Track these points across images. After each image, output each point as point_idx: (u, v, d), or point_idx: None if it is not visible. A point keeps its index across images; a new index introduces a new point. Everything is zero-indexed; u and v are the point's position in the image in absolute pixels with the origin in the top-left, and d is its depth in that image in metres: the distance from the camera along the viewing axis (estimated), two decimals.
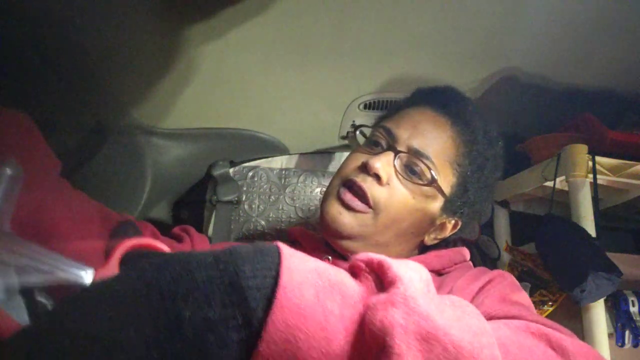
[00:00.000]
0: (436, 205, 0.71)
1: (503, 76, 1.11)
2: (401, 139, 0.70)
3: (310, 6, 0.82)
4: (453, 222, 0.75)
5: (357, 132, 0.77)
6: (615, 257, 1.05)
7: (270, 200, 1.34)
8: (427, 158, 0.68)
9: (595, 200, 1.11)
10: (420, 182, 0.68)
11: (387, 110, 0.82)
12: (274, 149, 1.34)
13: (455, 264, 0.72)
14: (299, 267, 0.31)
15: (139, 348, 0.26)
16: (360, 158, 0.70)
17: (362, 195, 0.67)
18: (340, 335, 0.29)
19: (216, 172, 1.32)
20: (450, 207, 0.72)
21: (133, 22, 0.81)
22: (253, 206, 1.33)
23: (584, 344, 0.44)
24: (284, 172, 1.37)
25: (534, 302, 1.19)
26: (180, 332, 0.27)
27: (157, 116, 1.12)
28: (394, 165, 0.68)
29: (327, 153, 1.43)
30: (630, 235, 1.55)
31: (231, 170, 1.35)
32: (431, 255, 0.72)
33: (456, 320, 0.32)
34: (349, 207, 0.67)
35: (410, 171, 0.69)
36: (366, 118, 1.18)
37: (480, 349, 0.31)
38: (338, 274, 0.32)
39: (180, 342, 0.27)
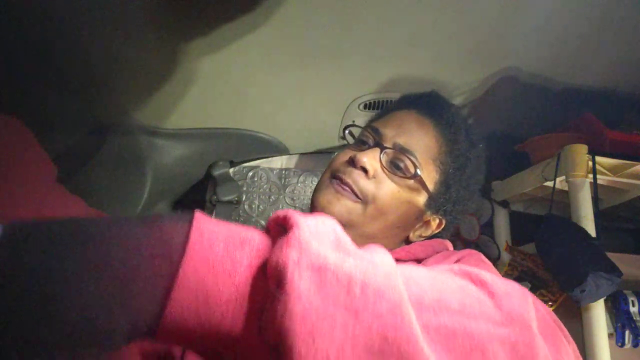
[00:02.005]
0: (421, 200, 0.74)
1: (503, 76, 1.11)
2: (387, 137, 0.74)
3: (310, 7, 0.82)
4: (437, 220, 0.77)
5: (347, 132, 0.81)
6: (615, 257, 1.05)
7: (270, 200, 1.34)
8: (412, 154, 0.72)
9: (595, 200, 1.11)
10: (405, 175, 0.72)
11: (377, 113, 0.86)
12: (274, 149, 1.34)
13: (437, 252, 0.73)
14: (209, 227, 0.35)
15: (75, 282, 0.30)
16: (348, 154, 0.74)
17: (350, 187, 0.71)
18: (247, 281, 0.33)
19: (216, 172, 1.32)
20: (434, 203, 0.75)
21: (135, 26, 0.81)
22: (253, 206, 1.33)
23: (506, 280, 0.45)
24: (284, 172, 1.37)
25: None
26: (111, 269, 0.31)
27: (157, 116, 1.12)
28: (380, 161, 0.72)
29: (327, 153, 1.43)
30: (630, 235, 1.55)
31: (231, 170, 1.35)
32: (415, 245, 0.75)
33: (354, 257, 0.35)
34: (338, 197, 0.71)
35: (395, 166, 0.72)
36: (366, 118, 1.18)
37: (374, 276, 0.34)
38: (248, 232, 0.36)
39: (110, 279, 0.31)
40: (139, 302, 0.31)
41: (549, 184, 1.19)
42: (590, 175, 1.12)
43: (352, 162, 0.71)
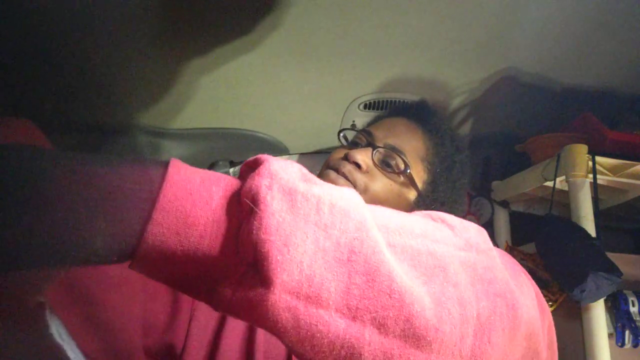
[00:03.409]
0: (410, 197, 0.79)
1: (503, 76, 1.11)
2: (378, 138, 0.80)
3: (310, 7, 0.82)
4: None
5: (341, 135, 0.88)
6: (615, 257, 1.05)
7: None
8: (401, 153, 0.78)
9: (595, 200, 1.11)
10: (395, 171, 0.77)
11: (371, 119, 0.94)
12: (274, 149, 1.34)
13: None
14: (186, 167, 0.38)
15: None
16: (342, 152, 0.80)
17: (345, 176, 0.76)
18: (223, 207, 0.36)
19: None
20: (423, 201, 0.80)
21: (136, 27, 0.81)
22: None
23: (468, 222, 0.48)
24: None
25: None
26: (95, 186, 0.33)
27: (157, 116, 1.12)
28: (372, 158, 0.77)
29: (327, 153, 1.43)
30: (630, 235, 1.55)
31: (231, 170, 1.35)
32: None
33: (321, 186, 0.38)
34: (336, 182, 0.76)
35: (387, 164, 0.78)
36: (366, 118, 1.18)
37: (340, 198, 0.37)
38: (222, 174, 0.39)
39: (94, 194, 0.33)
40: (121, 219, 0.33)
41: (549, 184, 1.19)
42: (590, 175, 1.12)
43: (346, 158, 0.77)
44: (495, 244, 1.42)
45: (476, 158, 1.50)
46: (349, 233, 0.36)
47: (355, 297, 0.35)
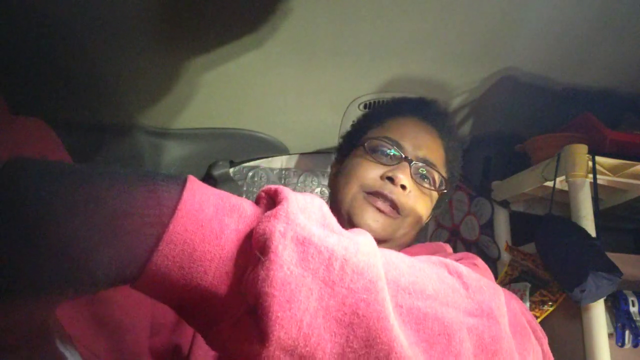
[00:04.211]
0: (435, 198, 0.82)
1: (503, 76, 1.11)
2: (408, 150, 0.79)
3: (310, 7, 0.82)
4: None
5: (366, 145, 0.81)
6: (615, 257, 1.05)
7: None
8: (435, 166, 0.79)
9: (595, 200, 1.11)
10: (433, 187, 0.79)
11: (375, 116, 0.89)
12: (274, 149, 1.34)
13: (437, 254, 0.76)
14: (201, 190, 0.36)
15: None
16: (376, 168, 0.77)
17: (393, 204, 0.75)
18: (232, 244, 0.35)
19: (216, 172, 1.32)
20: (443, 197, 0.84)
21: (137, 29, 0.81)
22: None
23: (480, 275, 0.47)
24: (284, 172, 1.37)
25: (533, 302, 1.19)
26: (101, 211, 0.32)
27: (157, 116, 1.12)
28: (411, 175, 0.77)
29: (327, 153, 1.43)
30: (630, 235, 1.55)
31: (231, 170, 1.35)
32: (416, 247, 0.81)
33: (338, 235, 0.36)
34: (384, 215, 0.75)
35: (423, 177, 0.79)
36: None
37: (355, 254, 0.35)
38: (239, 200, 0.37)
39: (99, 220, 0.31)
40: (126, 248, 0.32)
41: (549, 184, 1.19)
42: (590, 175, 1.12)
43: (391, 180, 0.75)
44: (495, 243, 1.42)
45: (476, 158, 1.49)
46: (357, 293, 0.34)
47: None
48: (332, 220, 0.39)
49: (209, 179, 1.35)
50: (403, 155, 0.78)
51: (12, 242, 0.29)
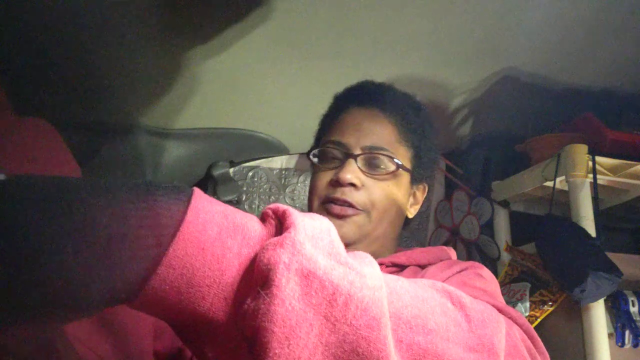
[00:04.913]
0: (405, 181, 0.78)
1: (503, 76, 1.11)
2: (351, 144, 0.75)
3: (310, 7, 0.82)
4: (422, 187, 0.82)
5: (311, 156, 0.80)
6: (615, 257, 1.05)
7: (271, 200, 1.34)
8: (383, 149, 0.74)
9: (595, 200, 1.11)
10: (387, 171, 0.74)
11: (323, 124, 0.86)
12: (274, 149, 1.34)
13: (441, 260, 0.74)
14: (206, 208, 0.34)
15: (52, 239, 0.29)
16: (325, 175, 0.76)
17: (349, 205, 0.72)
18: (234, 269, 0.33)
19: (216, 172, 1.32)
20: (416, 176, 0.79)
21: (137, 30, 0.81)
22: (253, 206, 1.33)
23: (483, 305, 0.46)
24: (284, 172, 1.37)
25: (533, 302, 1.19)
26: (96, 235, 0.30)
27: (157, 116, 1.12)
28: (359, 169, 0.74)
29: None
30: (630, 235, 1.55)
31: (231, 170, 1.35)
32: (417, 251, 0.77)
33: (344, 267, 0.35)
34: (344, 217, 0.72)
35: (374, 166, 0.74)
36: None
37: (360, 289, 0.34)
38: (244, 218, 0.36)
39: (94, 244, 0.30)
40: (122, 274, 0.31)
41: (549, 184, 1.19)
42: (590, 175, 1.12)
43: (338, 182, 0.72)
44: (495, 243, 1.42)
45: (476, 158, 1.50)
46: (359, 330, 0.34)
47: None
48: (340, 247, 0.37)
49: (209, 179, 1.35)
50: (346, 152, 0.75)
51: (3, 270, 0.28)
